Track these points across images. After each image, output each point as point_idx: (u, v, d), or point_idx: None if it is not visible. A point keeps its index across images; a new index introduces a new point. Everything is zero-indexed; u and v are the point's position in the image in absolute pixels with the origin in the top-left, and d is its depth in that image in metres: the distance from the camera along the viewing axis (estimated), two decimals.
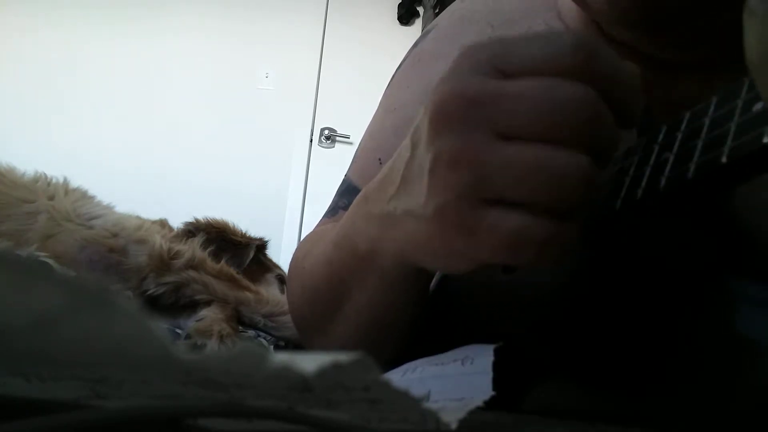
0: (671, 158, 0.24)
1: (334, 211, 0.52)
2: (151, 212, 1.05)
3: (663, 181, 0.23)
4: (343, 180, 0.54)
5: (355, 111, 2.53)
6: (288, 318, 0.91)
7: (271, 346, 0.91)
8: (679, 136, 0.24)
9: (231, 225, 1.14)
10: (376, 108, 0.55)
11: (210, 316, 0.87)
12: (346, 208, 0.50)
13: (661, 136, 0.26)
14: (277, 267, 1.19)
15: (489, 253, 0.23)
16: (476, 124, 0.23)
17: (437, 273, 0.42)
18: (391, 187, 0.29)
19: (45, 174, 0.93)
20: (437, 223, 0.24)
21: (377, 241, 0.32)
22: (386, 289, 0.35)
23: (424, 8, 2.81)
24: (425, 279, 0.36)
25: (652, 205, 0.24)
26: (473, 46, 0.25)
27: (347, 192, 0.52)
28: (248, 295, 0.93)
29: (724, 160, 0.21)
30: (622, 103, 0.23)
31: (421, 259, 0.28)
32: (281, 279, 1.15)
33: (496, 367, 0.24)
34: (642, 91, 0.25)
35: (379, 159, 0.49)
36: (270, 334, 0.93)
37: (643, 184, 0.25)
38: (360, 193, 0.35)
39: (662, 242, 0.28)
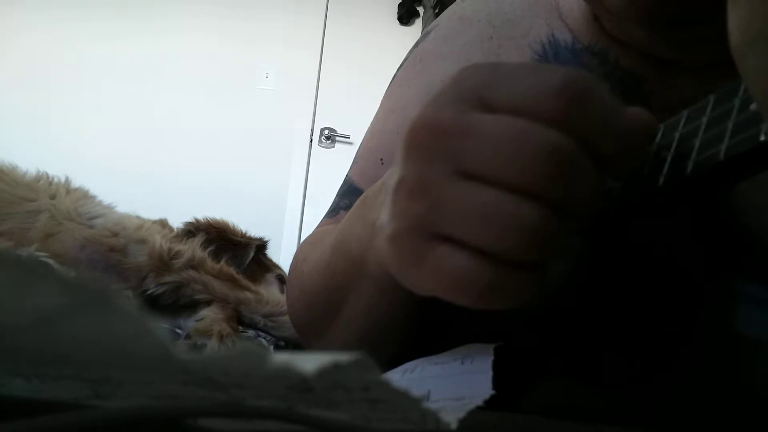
0: (669, 157, 0.24)
1: (334, 211, 0.52)
2: (151, 212, 1.05)
3: (661, 180, 0.24)
4: (344, 180, 0.54)
5: (355, 111, 2.53)
6: (288, 318, 0.91)
7: (271, 346, 0.91)
8: (677, 134, 0.24)
9: (231, 225, 1.14)
10: (376, 108, 0.55)
11: (210, 316, 0.87)
12: (346, 208, 0.50)
13: (659, 135, 0.26)
14: (277, 267, 1.19)
15: (432, 288, 0.23)
16: (441, 156, 0.22)
17: None
18: (381, 196, 0.29)
19: (47, 173, 0.93)
20: (392, 245, 0.24)
21: (366, 245, 0.32)
22: (380, 295, 0.35)
23: (424, 8, 2.81)
24: None
25: (651, 204, 0.24)
26: (468, 68, 0.24)
27: (348, 193, 0.52)
28: (248, 295, 0.94)
29: (721, 157, 0.21)
30: (610, 154, 0.22)
31: (394, 274, 0.27)
32: (281, 279, 1.15)
33: (496, 366, 0.24)
34: (646, 139, 0.23)
35: (381, 159, 0.49)
36: (270, 334, 0.93)
37: (642, 182, 0.25)
38: (360, 197, 0.35)
39: (662, 241, 0.28)
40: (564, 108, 0.21)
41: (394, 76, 0.55)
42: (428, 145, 0.23)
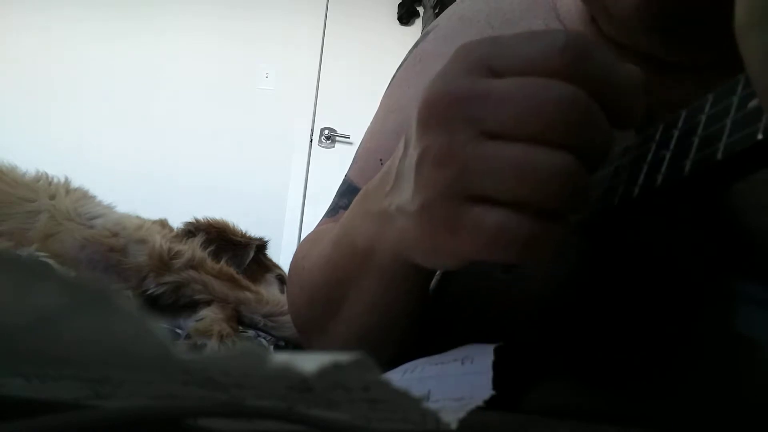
0: (668, 156, 0.24)
1: (334, 211, 0.52)
2: (151, 212, 1.05)
3: (659, 179, 0.24)
4: (344, 180, 0.54)
5: (355, 111, 2.53)
6: (288, 318, 0.91)
7: (271, 346, 0.91)
8: (676, 133, 0.24)
9: (231, 225, 1.14)
10: (376, 108, 0.55)
11: (210, 316, 0.87)
12: (346, 208, 0.50)
13: (658, 134, 0.26)
14: (277, 267, 1.19)
15: (472, 251, 0.23)
16: (462, 122, 0.23)
17: (437, 272, 0.42)
18: (388, 184, 0.29)
19: (46, 173, 0.93)
20: (423, 219, 0.24)
21: (375, 238, 0.32)
22: (385, 288, 0.35)
23: (424, 8, 2.81)
24: (423, 278, 0.36)
25: (649, 203, 0.24)
26: (467, 44, 0.25)
27: (347, 192, 0.52)
28: (248, 295, 0.94)
29: (719, 156, 0.21)
30: (616, 104, 0.23)
31: (413, 256, 0.28)
32: (281, 279, 1.15)
33: (496, 366, 0.24)
34: (643, 93, 0.24)
35: (380, 159, 0.49)
36: (270, 334, 0.93)
37: (640, 181, 0.25)
38: (360, 191, 0.35)
39: (661, 241, 0.28)
40: (570, 62, 0.22)
41: (394, 76, 0.55)
42: (446, 113, 0.23)
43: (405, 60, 0.55)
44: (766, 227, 0.25)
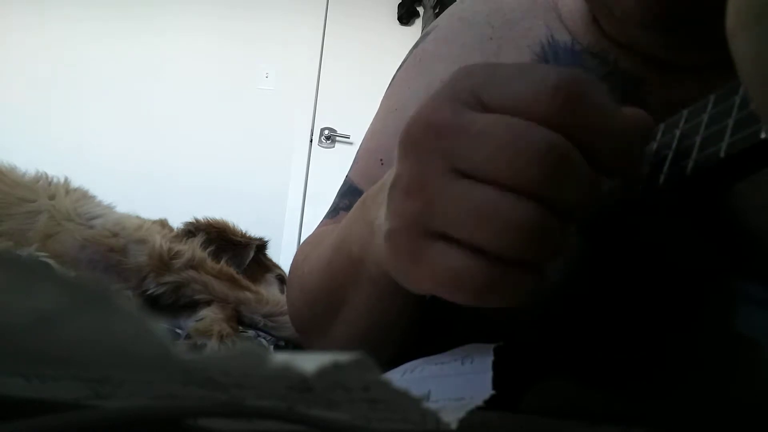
0: (670, 155, 0.24)
1: (334, 212, 0.52)
2: (151, 212, 1.05)
3: (662, 178, 0.23)
4: (344, 181, 0.54)
5: (355, 111, 2.53)
6: (288, 318, 0.91)
7: (271, 346, 0.91)
8: (678, 133, 0.24)
9: (231, 225, 1.14)
10: (376, 108, 0.55)
11: (210, 316, 0.87)
12: (346, 209, 0.50)
13: (659, 134, 0.26)
14: (277, 267, 1.19)
15: (429, 286, 0.23)
16: (436, 154, 0.22)
17: None
18: (381, 196, 0.29)
19: (46, 174, 0.93)
20: (390, 243, 0.24)
21: (366, 248, 0.32)
22: (379, 295, 0.35)
23: (424, 8, 2.81)
24: None
25: (652, 203, 0.24)
26: (466, 68, 0.24)
27: (348, 193, 0.52)
28: (248, 295, 0.93)
29: (722, 155, 0.21)
30: (606, 153, 0.22)
31: (392, 274, 0.27)
32: (281, 279, 1.15)
33: (496, 366, 0.24)
34: (643, 140, 0.23)
35: (381, 160, 0.49)
36: (270, 334, 0.93)
37: (642, 181, 0.25)
38: (361, 197, 0.35)
39: (663, 241, 0.28)
40: (559, 108, 0.21)
41: (394, 76, 0.55)
42: (424, 143, 0.23)
43: (405, 60, 0.55)
44: (766, 227, 0.25)
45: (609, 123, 0.22)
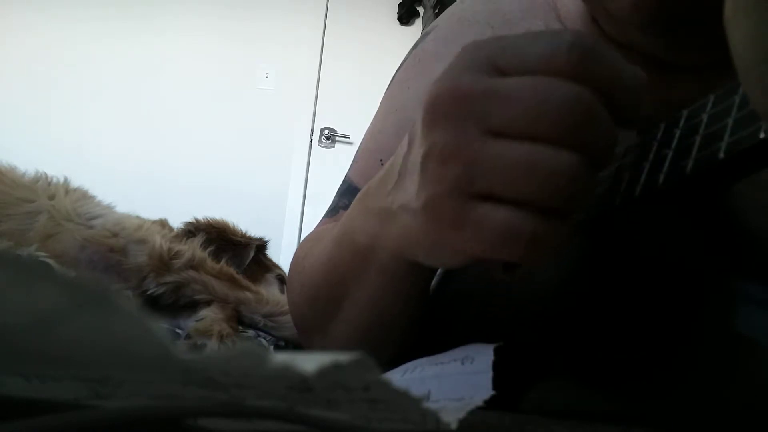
0: (669, 155, 0.24)
1: (334, 211, 0.53)
2: (151, 212, 1.05)
3: (661, 178, 0.24)
4: (344, 180, 0.54)
5: (355, 111, 2.53)
6: (288, 318, 0.91)
7: (271, 346, 0.91)
8: (678, 132, 0.24)
9: (231, 225, 1.14)
10: (376, 108, 0.55)
11: (210, 316, 0.87)
12: (346, 208, 0.50)
13: (660, 133, 0.26)
14: (277, 267, 1.19)
15: (477, 248, 0.23)
16: (468, 120, 0.23)
17: (437, 272, 0.42)
18: (390, 183, 0.29)
19: (45, 174, 0.93)
20: (428, 216, 0.25)
21: (376, 236, 0.32)
22: (385, 287, 0.35)
23: (424, 8, 2.81)
24: (424, 277, 0.36)
25: (651, 202, 0.24)
26: (473, 43, 0.25)
27: (347, 192, 0.52)
28: (248, 295, 0.93)
29: (721, 155, 0.21)
30: (621, 103, 0.23)
31: (415, 254, 0.28)
32: (281, 279, 1.15)
33: (496, 366, 0.24)
34: (646, 93, 0.24)
35: (380, 160, 0.49)
36: (270, 334, 0.93)
37: (642, 180, 0.25)
38: (361, 190, 0.35)
39: (662, 240, 0.28)
40: (577, 61, 0.22)
41: (394, 77, 0.55)
42: (452, 111, 0.23)
43: (404, 61, 0.55)
44: (765, 225, 0.25)
45: (621, 75, 0.23)
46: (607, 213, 0.26)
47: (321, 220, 0.54)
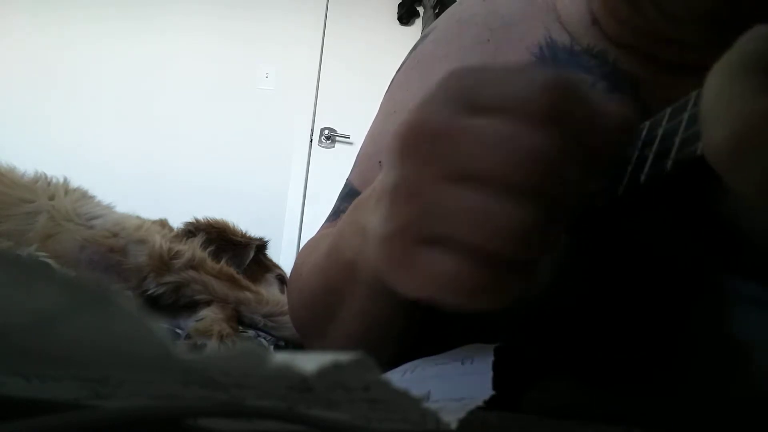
0: (651, 154, 0.24)
1: (335, 215, 0.53)
2: (151, 212, 1.05)
3: (643, 177, 0.24)
4: (345, 184, 0.54)
5: (355, 111, 2.53)
6: (288, 318, 0.91)
7: (271, 346, 0.91)
8: (660, 132, 0.24)
9: (231, 225, 1.14)
10: (376, 108, 0.55)
11: (210, 316, 0.87)
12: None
13: (643, 133, 0.26)
14: (277, 267, 1.19)
15: (422, 291, 0.23)
16: (431, 160, 0.22)
17: None
18: (372, 201, 0.29)
19: (45, 174, 0.93)
20: (383, 249, 0.24)
21: (358, 252, 0.32)
22: (373, 300, 0.35)
23: (424, 8, 2.81)
24: None
25: (634, 202, 0.24)
26: (456, 72, 0.25)
27: (348, 196, 0.52)
28: (248, 295, 0.94)
29: (698, 153, 0.21)
30: (595, 150, 0.22)
31: (384, 279, 0.27)
32: (281, 279, 1.15)
33: (496, 366, 0.24)
34: (630, 136, 0.24)
35: (380, 162, 0.49)
36: (270, 334, 0.93)
37: (625, 180, 0.25)
38: (354, 201, 0.35)
39: (652, 239, 0.28)
40: (549, 107, 0.21)
41: (393, 79, 0.55)
42: (418, 149, 0.23)
43: (404, 62, 0.55)
44: (752, 224, 0.25)
45: (598, 119, 0.22)
46: (599, 214, 0.26)
47: (322, 225, 0.54)
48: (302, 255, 0.48)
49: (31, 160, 1.01)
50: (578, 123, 0.22)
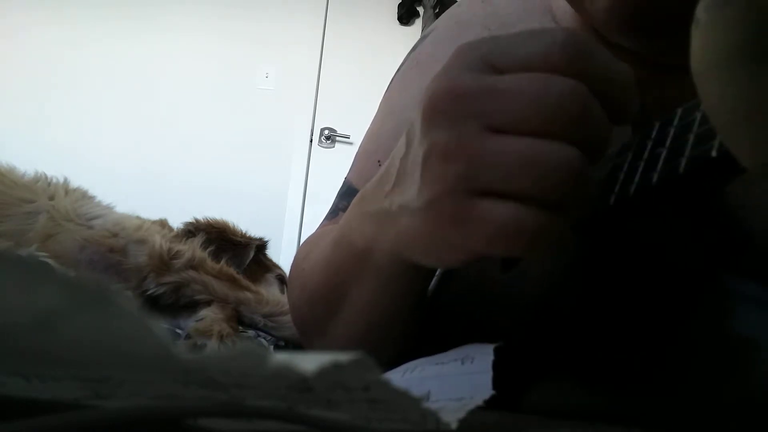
0: (663, 153, 0.24)
1: (334, 213, 0.53)
2: (151, 212, 1.05)
3: (655, 177, 0.24)
4: (344, 182, 0.54)
5: (355, 111, 2.53)
6: (288, 318, 0.91)
7: (271, 346, 0.91)
8: (672, 131, 0.24)
9: (231, 225, 1.14)
10: (375, 108, 0.55)
11: (210, 316, 0.87)
12: (345, 210, 0.50)
13: (654, 132, 0.26)
14: (277, 267, 1.19)
15: (480, 244, 0.24)
16: (467, 117, 0.23)
17: (436, 273, 0.42)
18: (388, 185, 0.29)
19: (45, 174, 0.93)
20: (429, 214, 0.25)
21: (373, 239, 0.32)
22: (383, 289, 0.35)
23: (424, 8, 2.81)
24: (422, 278, 0.36)
25: (645, 201, 0.24)
26: (467, 44, 0.26)
27: (347, 194, 0.52)
28: (248, 295, 0.94)
29: (714, 153, 0.21)
30: (614, 99, 0.24)
31: (415, 254, 0.28)
32: (281, 279, 1.15)
33: (496, 366, 0.24)
34: (637, 90, 0.25)
35: (379, 161, 0.50)
36: (270, 334, 0.93)
37: (636, 179, 0.25)
38: (357, 194, 0.35)
39: (658, 239, 0.28)
40: (570, 58, 0.23)
41: (392, 79, 0.55)
42: (452, 108, 0.24)
43: (403, 63, 0.55)
44: (761, 225, 0.25)
45: (613, 71, 0.24)
46: (602, 213, 0.26)
47: (321, 223, 0.54)
48: (302, 252, 0.48)
49: (31, 160, 1.01)
50: (598, 73, 0.23)
